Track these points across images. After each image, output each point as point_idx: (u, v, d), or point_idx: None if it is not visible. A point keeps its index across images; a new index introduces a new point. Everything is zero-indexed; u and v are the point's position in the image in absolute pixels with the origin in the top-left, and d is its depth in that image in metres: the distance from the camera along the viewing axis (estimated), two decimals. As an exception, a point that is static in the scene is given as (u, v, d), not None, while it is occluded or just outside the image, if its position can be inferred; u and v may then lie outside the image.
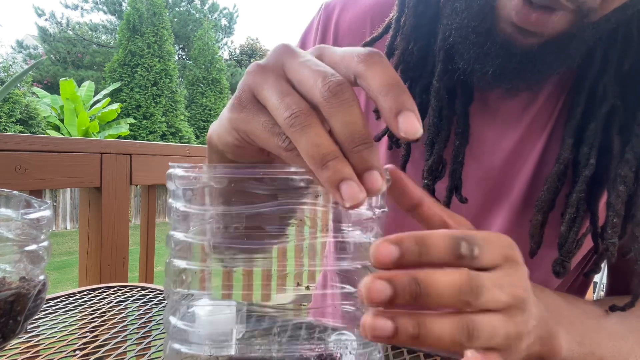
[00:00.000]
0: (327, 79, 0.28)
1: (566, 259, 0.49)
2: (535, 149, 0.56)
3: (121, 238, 1.35)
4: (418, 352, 0.52)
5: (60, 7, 33.21)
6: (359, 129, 0.28)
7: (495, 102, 0.57)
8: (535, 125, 0.56)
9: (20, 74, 1.72)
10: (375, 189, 0.28)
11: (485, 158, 0.57)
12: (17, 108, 9.28)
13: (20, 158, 1.09)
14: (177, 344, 0.32)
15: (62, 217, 8.40)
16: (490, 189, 0.58)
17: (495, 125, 0.57)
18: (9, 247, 0.39)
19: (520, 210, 0.57)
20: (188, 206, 0.32)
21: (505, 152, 0.57)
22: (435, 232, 0.30)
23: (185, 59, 19.39)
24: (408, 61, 0.54)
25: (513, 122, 0.56)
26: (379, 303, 0.27)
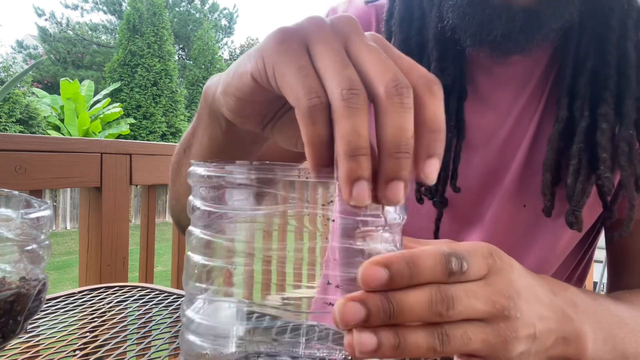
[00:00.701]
0: (397, 76, 0.27)
1: (577, 209, 0.52)
2: (527, 134, 0.58)
3: (121, 238, 1.35)
4: (418, 352, 0.52)
5: (60, 7, 33.21)
6: (409, 137, 0.27)
7: (488, 92, 0.59)
8: (526, 112, 0.59)
9: (20, 74, 1.72)
10: (395, 200, 0.27)
11: (481, 147, 0.60)
12: (17, 108, 9.29)
13: (20, 158, 1.09)
14: (192, 336, 0.32)
15: (62, 217, 8.40)
16: (486, 176, 0.60)
17: (488, 115, 0.59)
18: (9, 247, 0.39)
19: (514, 194, 0.59)
20: (207, 204, 0.32)
21: (499, 139, 0.59)
22: (424, 251, 0.29)
23: (185, 59, 19.39)
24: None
25: (505, 111, 0.59)
26: (355, 325, 0.27)
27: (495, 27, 0.50)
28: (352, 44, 0.29)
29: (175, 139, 12.47)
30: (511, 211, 0.59)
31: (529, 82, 0.58)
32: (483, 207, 0.60)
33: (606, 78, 0.51)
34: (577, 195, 0.52)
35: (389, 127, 0.26)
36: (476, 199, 0.61)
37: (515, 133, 0.59)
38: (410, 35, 0.57)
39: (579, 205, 0.52)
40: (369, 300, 0.27)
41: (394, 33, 0.58)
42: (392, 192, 0.27)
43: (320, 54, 0.28)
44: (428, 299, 0.28)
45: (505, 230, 0.60)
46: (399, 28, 0.58)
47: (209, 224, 0.33)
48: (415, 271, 0.28)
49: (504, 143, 0.59)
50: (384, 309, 0.27)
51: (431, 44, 0.56)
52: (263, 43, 0.31)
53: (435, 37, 0.56)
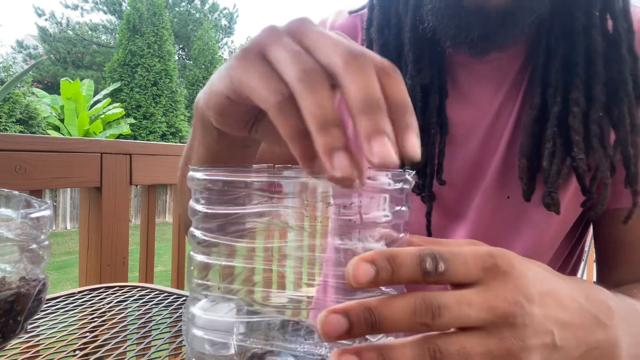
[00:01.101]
0: (352, 48, 0.27)
1: (553, 190, 0.54)
2: (508, 126, 0.60)
3: (121, 238, 1.35)
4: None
5: (60, 7, 33.20)
6: (376, 94, 0.26)
7: (468, 89, 0.62)
8: (506, 105, 0.60)
9: (20, 74, 1.72)
10: (384, 156, 0.25)
11: (463, 141, 0.62)
12: (17, 108, 9.29)
13: (20, 158, 1.09)
14: (200, 331, 0.32)
15: (62, 217, 8.40)
16: (470, 170, 0.62)
17: (470, 111, 0.62)
18: (9, 247, 0.39)
19: (497, 186, 0.61)
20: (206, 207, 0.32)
21: (481, 133, 0.61)
22: (404, 249, 0.28)
23: (185, 59, 19.39)
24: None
25: (486, 106, 0.61)
26: (338, 337, 0.26)
27: (472, 29, 0.52)
28: (305, 37, 0.30)
29: (175, 139, 12.47)
30: (495, 203, 0.61)
31: (508, 76, 0.61)
32: (468, 201, 0.62)
33: (575, 65, 0.54)
34: (553, 176, 0.54)
35: (353, 89, 0.26)
36: (461, 193, 0.62)
37: (495, 126, 0.61)
38: (389, 40, 0.61)
39: (554, 187, 0.54)
40: (351, 312, 0.27)
41: (373, 40, 0.61)
42: (378, 149, 0.25)
43: (275, 56, 0.30)
44: (411, 308, 0.27)
45: (490, 222, 0.61)
46: (378, 34, 0.61)
47: (209, 227, 0.33)
48: (395, 268, 0.28)
49: (486, 137, 0.61)
50: (365, 320, 0.27)
51: (407, 47, 0.59)
52: (228, 62, 0.33)
53: (411, 40, 0.59)
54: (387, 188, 0.31)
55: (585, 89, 0.54)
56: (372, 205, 0.31)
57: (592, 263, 2.11)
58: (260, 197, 0.30)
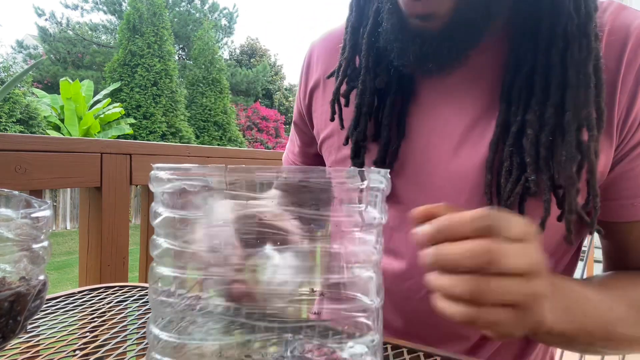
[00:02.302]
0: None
1: (506, 207, 0.56)
2: (485, 137, 0.59)
3: (121, 238, 1.35)
4: (418, 352, 0.52)
5: (60, 7, 33.22)
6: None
7: (446, 83, 0.62)
8: (483, 115, 0.60)
9: (20, 74, 1.72)
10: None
11: (428, 147, 0.62)
12: (17, 108, 9.28)
13: (20, 158, 1.09)
14: (159, 355, 0.32)
15: (62, 217, 8.40)
16: (437, 176, 0.62)
17: (450, 105, 0.62)
18: (9, 247, 0.39)
19: (471, 197, 0.60)
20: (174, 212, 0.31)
21: (453, 140, 0.61)
22: (460, 213, 0.40)
23: (185, 59, 19.39)
24: (350, 75, 0.65)
25: (459, 113, 0.61)
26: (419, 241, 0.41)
27: (410, 52, 0.56)
28: None
29: (175, 139, 12.46)
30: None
31: (481, 91, 0.60)
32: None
33: (534, 85, 0.55)
34: (506, 194, 0.55)
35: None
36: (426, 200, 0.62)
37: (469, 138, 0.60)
38: (359, 42, 0.64)
39: (507, 204, 0.55)
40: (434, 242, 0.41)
41: (346, 40, 0.65)
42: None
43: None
44: (471, 250, 0.39)
45: None
46: (350, 35, 0.65)
47: (172, 232, 0.31)
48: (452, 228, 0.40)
49: (458, 147, 0.60)
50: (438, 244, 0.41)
51: (364, 52, 0.62)
52: None
53: (369, 46, 0.62)
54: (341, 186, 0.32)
55: (540, 111, 0.54)
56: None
57: (592, 263, 2.11)
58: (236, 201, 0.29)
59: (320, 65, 0.75)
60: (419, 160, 0.63)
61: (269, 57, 23.22)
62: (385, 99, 0.63)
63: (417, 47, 0.55)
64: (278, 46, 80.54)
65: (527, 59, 0.55)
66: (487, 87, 0.60)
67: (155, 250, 0.32)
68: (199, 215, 0.31)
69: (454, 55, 0.56)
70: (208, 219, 0.31)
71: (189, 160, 1.61)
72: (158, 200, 0.32)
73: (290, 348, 0.32)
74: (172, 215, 0.31)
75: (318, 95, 0.74)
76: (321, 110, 0.73)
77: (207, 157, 1.73)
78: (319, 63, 0.75)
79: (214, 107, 14.08)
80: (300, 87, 0.78)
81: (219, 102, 14.19)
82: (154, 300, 0.33)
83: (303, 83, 0.78)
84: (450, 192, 0.61)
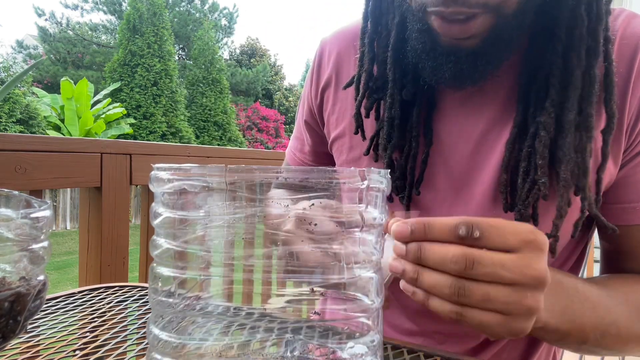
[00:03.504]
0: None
1: (522, 207, 0.55)
2: (502, 138, 0.59)
3: (121, 238, 1.35)
4: (418, 352, 0.52)
5: (60, 7, 33.20)
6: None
7: (455, 107, 0.62)
8: (499, 116, 0.60)
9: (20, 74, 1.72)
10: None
11: (451, 152, 0.62)
12: (17, 108, 9.28)
13: (20, 158, 1.09)
14: (159, 355, 0.32)
15: (62, 217, 8.40)
16: (459, 179, 0.62)
17: (462, 119, 0.62)
18: (9, 247, 0.39)
19: (491, 198, 0.60)
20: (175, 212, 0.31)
21: (471, 143, 0.61)
22: (439, 219, 0.40)
23: (185, 59, 19.38)
24: (372, 87, 0.64)
25: (477, 116, 0.61)
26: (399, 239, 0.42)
27: (444, 70, 0.55)
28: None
29: (175, 139, 12.46)
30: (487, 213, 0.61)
31: (498, 94, 0.60)
32: (458, 210, 0.62)
33: (549, 87, 0.54)
34: (523, 195, 0.55)
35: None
36: (450, 203, 0.63)
37: (486, 141, 0.61)
38: (378, 53, 0.63)
39: (524, 205, 0.55)
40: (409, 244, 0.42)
41: (364, 52, 0.64)
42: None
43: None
44: (450, 255, 0.39)
45: None
46: (368, 47, 0.64)
47: (173, 233, 0.31)
48: (429, 230, 0.40)
49: (477, 146, 0.61)
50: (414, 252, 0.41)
51: (389, 66, 0.61)
52: None
53: (394, 59, 0.61)
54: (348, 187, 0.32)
55: (557, 113, 0.54)
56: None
57: (592, 263, 2.11)
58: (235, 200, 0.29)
59: (331, 63, 0.74)
60: (443, 165, 0.63)
61: (269, 57, 23.21)
62: (410, 109, 0.62)
63: (451, 65, 0.54)
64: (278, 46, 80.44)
65: (544, 61, 0.55)
66: (504, 91, 0.60)
67: (155, 251, 0.32)
68: (199, 215, 0.31)
69: (489, 71, 0.55)
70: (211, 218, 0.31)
71: (189, 160, 1.61)
72: (158, 200, 0.32)
73: (290, 348, 0.32)
74: (172, 216, 0.31)
75: (329, 94, 0.74)
76: (332, 110, 0.73)
77: (207, 157, 1.73)
78: (330, 61, 0.74)
79: (214, 107, 14.08)
80: (312, 85, 0.77)
81: (219, 102, 14.19)
82: (154, 300, 0.33)
83: (314, 81, 0.77)
84: (471, 195, 0.61)
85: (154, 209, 0.33)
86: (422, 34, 0.54)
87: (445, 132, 0.63)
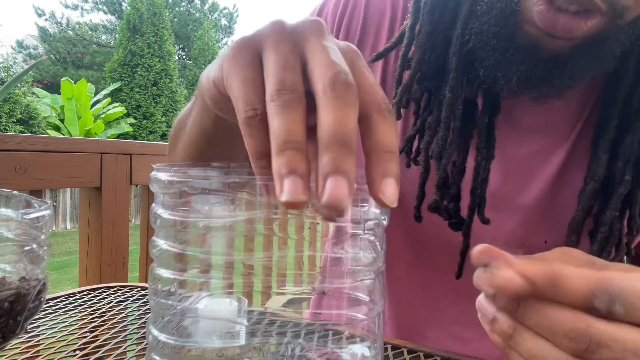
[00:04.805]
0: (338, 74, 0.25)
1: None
2: (556, 157, 0.54)
3: (121, 238, 1.35)
4: (418, 352, 0.52)
5: (60, 7, 33.21)
6: (347, 130, 0.24)
7: (518, 110, 0.54)
8: (557, 134, 0.54)
9: (20, 74, 1.72)
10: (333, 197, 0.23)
11: (506, 168, 0.54)
12: (17, 108, 9.28)
13: (20, 158, 1.09)
14: (158, 357, 0.32)
15: (62, 217, 8.40)
16: (504, 196, 0.55)
17: (515, 133, 0.54)
18: (9, 247, 0.39)
19: (533, 218, 0.55)
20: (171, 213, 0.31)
21: (522, 159, 0.54)
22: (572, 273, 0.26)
23: (185, 59, 19.38)
24: (425, 71, 0.51)
25: (534, 130, 0.54)
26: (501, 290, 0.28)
27: (512, 71, 0.44)
28: (308, 46, 0.28)
29: (175, 139, 12.45)
30: (527, 234, 0.55)
31: (564, 102, 0.52)
32: (496, 227, 0.55)
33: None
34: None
35: (325, 122, 0.24)
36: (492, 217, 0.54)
37: (542, 158, 0.54)
38: (439, 29, 0.49)
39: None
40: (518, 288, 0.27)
41: (422, 22, 0.50)
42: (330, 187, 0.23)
43: (267, 60, 0.28)
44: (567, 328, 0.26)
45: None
46: (428, 18, 0.50)
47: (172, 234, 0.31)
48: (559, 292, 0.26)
49: (527, 163, 0.55)
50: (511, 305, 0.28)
51: (453, 48, 0.49)
52: (225, 51, 0.31)
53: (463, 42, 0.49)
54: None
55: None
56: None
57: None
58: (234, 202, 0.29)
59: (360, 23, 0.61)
60: (495, 187, 0.54)
61: (269, 57, 23.17)
62: (472, 111, 0.51)
63: (524, 67, 0.44)
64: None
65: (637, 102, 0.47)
66: (567, 114, 0.53)
67: (154, 251, 0.32)
68: (199, 216, 0.31)
69: (562, 87, 0.46)
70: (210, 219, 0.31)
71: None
72: (158, 201, 0.32)
73: (290, 348, 0.32)
74: (171, 217, 0.31)
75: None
76: None
77: (207, 157, 1.73)
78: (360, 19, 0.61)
79: (214, 107, 14.06)
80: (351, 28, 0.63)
81: (219, 102, 14.17)
82: (153, 301, 0.33)
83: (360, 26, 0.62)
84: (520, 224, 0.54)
85: (154, 210, 0.32)
86: (502, 15, 0.43)
87: (502, 137, 0.53)
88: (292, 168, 0.23)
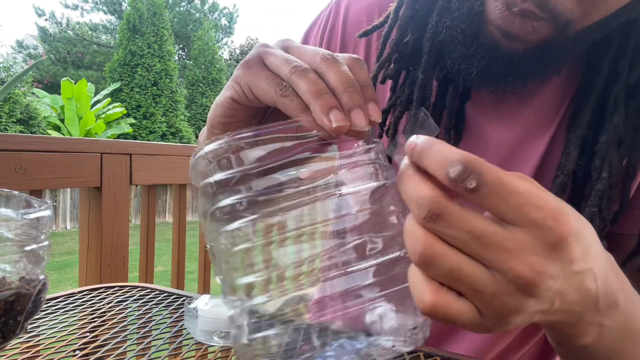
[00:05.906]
0: (324, 52, 0.36)
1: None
2: (536, 149, 0.56)
3: (121, 238, 1.35)
4: (418, 352, 0.52)
5: (60, 7, 33.21)
6: (349, 76, 0.35)
7: (495, 98, 0.57)
8: (536, 124, 0.56)
9: (20, 74, 1.72)
10: (361, 124, 0.33)
11: (483, 155, 0.56)
12: (18, 108, 9.28)
13: (20, 158, 1.09)
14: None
15: (62, 217, 8.40)
16: None
17: (494, 122, 0.57)
18: (9, 247, 0.39)
19: None
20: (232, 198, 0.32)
21: (504, 149, 0.57)
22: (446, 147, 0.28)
23: (185, 59, 19.38)
24: (402, 51, 0.55)
25: (513, 120, 0.56)
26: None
27: (473, 66, 0.48)
28: (290, 49, 0.39)
29: (175, 138, 12.46)
30: None
31: (540, 94, 0.56)
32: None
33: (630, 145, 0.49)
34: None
35: (332, 77, 0.35)
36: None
37: (522, 148, 0.57)
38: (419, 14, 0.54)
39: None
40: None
41: (405, 6, 0.55)
42: (356, 118, 0.33)
43: (271, 62, 0.37)
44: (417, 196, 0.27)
45: None
46: (410, 3, 0.55)
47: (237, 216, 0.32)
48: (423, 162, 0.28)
49: (510, 153, 0.57)
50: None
51: (427, 34, 0.53)
52: (234, 74, 0.40)
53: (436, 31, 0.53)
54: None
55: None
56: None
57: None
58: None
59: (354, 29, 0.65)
60: None
61: (269, 57, 23.15)
62: (443, 93, 0.55)
63: (484, 63, 0.48)
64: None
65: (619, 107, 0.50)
66: (546, 102, 0.56)
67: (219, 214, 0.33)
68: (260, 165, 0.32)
69: (515, 85, 0.50)
70: None
71: (189, 160, 1.61)
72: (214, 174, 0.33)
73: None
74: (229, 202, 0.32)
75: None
76: None
77: (207, 157, 1.73)
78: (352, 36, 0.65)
79: (214, 107, 14.06)
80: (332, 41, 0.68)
81: (219, 102, 14.16)
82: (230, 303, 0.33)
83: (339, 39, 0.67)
84: None
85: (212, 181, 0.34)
86: (470, 14, 0.47)
87: (478, 129, 0.57)
88: (331, 104, 0.33)
